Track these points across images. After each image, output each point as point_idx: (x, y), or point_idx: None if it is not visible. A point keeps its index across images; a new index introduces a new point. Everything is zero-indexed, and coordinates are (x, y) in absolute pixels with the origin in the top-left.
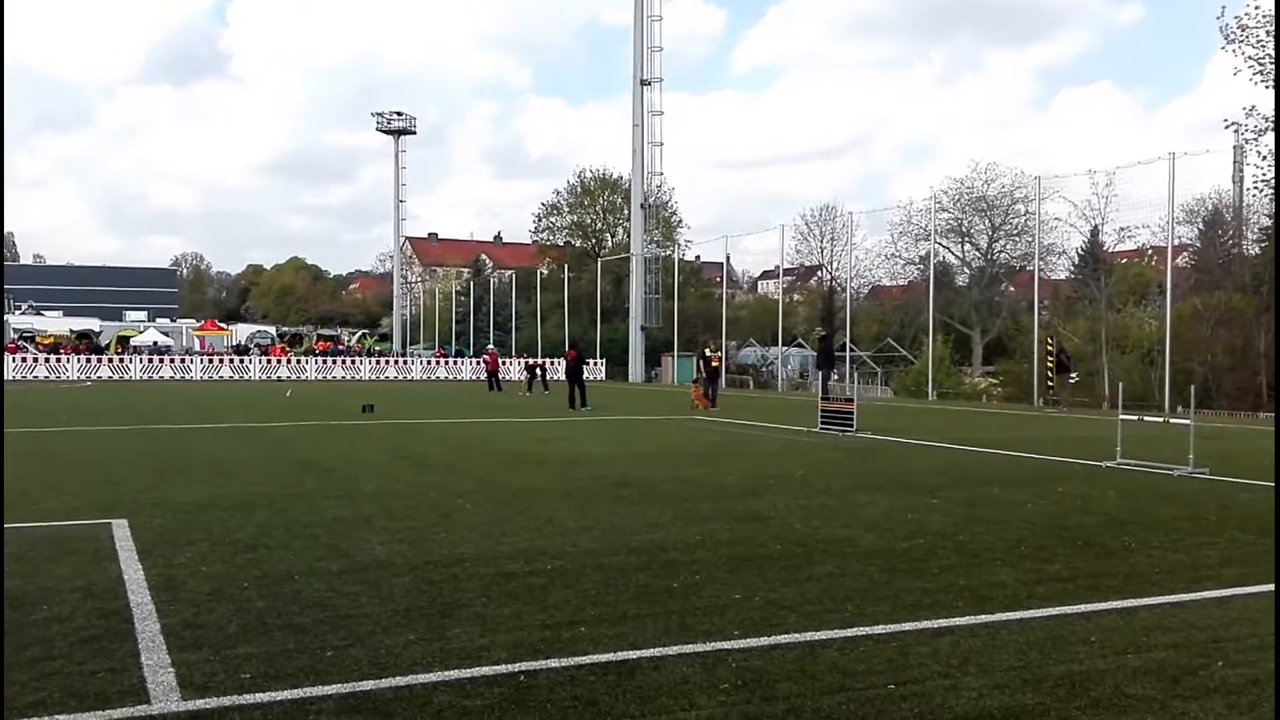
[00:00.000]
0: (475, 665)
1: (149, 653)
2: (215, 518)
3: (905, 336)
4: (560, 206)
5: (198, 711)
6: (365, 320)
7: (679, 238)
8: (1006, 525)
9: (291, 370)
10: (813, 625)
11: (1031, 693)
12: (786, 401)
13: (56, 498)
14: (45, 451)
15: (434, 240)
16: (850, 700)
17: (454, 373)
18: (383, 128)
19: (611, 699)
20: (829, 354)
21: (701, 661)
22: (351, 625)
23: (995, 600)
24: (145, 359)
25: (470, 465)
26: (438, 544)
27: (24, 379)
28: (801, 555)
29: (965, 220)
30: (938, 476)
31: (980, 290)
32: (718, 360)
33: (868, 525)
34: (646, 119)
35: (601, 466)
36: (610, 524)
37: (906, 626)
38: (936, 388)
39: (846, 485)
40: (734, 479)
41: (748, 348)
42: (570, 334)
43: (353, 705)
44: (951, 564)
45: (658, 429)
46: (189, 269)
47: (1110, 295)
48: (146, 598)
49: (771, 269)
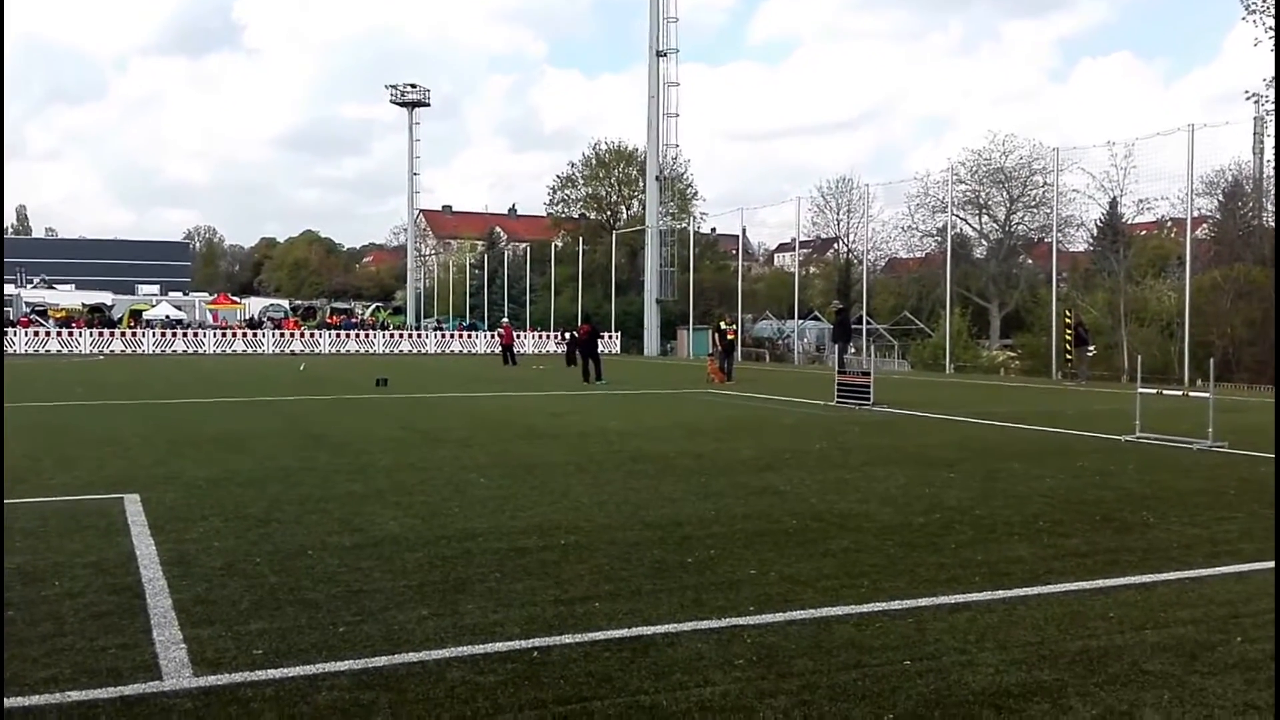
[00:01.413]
0: (488, 641)
1: (161, 628)
2: (227, 492)
3: (922, 309)
4: (575, 179)
5: (210, 687)
6: (379, 294)
7: (694, 210)
8: (1024, 500)
9: (305, 344)
10: (828, 601)
11: (1049, 669)
12: (803, 375)
13: (68, 472)
14: (57, 426)
15: (448, 213)
16: (866, 676)
17: (468, 346)
18: (397, 100)
19: (625, 675)
20: (845, 327)
21: (716, 637)
22: (364, 601)
23: (1012, 575)
24: (158, 333)
25: (484, 440)
26: (451, 519)
27: (36, 353)
28: (817, 530)
29: (983, 192)
30: (955, 450)
31: (998, 263)
32: (733, 334)
33: (884, 500)
34: (662, 90)
35: (616, 441)
36: (625, 499)
37: (923, 602)
38: (954, 361)
39: (863, 459)
40: (749, 453)
41: (764, 321)
42: (585, 307)
43: (365, 681)
44: (968, 539)
45: (673, 403)
46: (202, 242)
47: (1129, 268)
48: (158, 573)
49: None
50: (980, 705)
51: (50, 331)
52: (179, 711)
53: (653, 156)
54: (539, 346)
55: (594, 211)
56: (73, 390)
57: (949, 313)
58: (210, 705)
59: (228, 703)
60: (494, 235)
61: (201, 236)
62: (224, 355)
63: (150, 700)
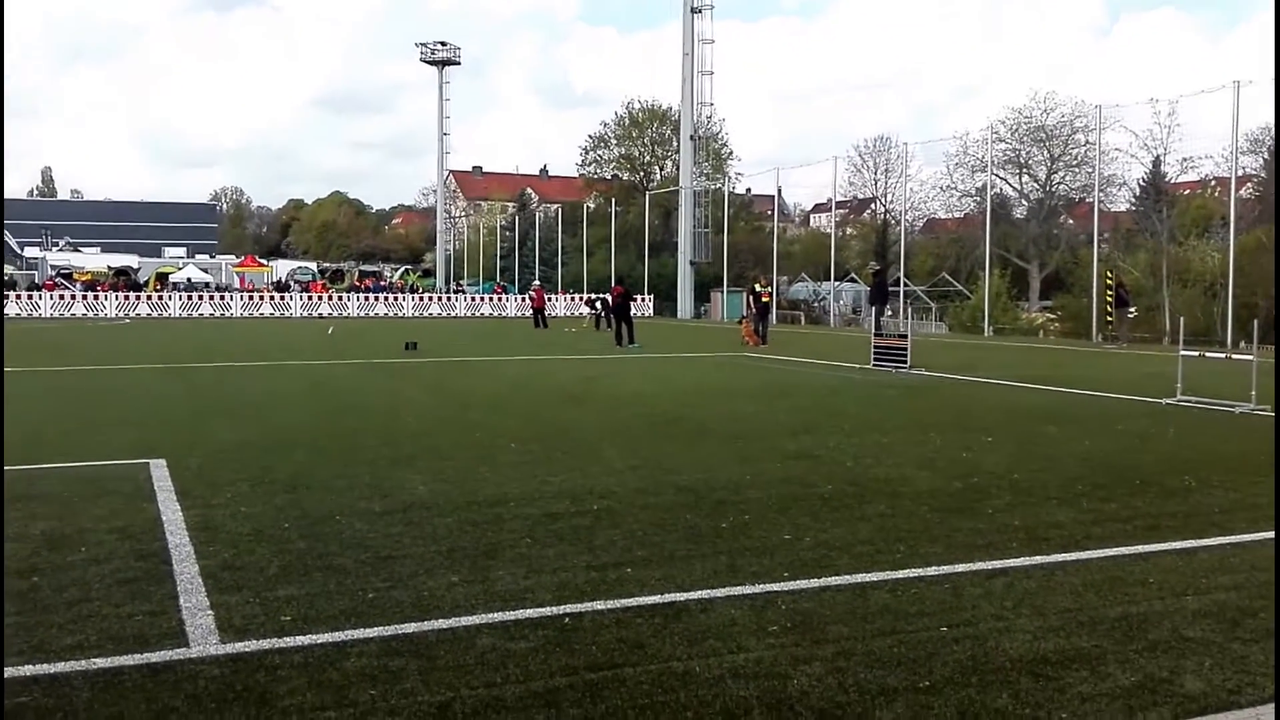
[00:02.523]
0: (519, 607)
1: (187, 595)
2: (254, 457)
3: (961, 271)
4: (607, 139)
5: (237, 654)
6: (408, 256)
7: (729, 170)
8: (1063, 464)
9: (333, 307)
10: (864, 567)
11: (1087, 635)
12: (839, 338)
13: (94, 437)
14: (83, 390)
15: (478, 174)
16: (902, 643)
17: (499, 309)
18: (426, 59)
19: (658, 641)
20: (882, 289)
21: (750, 603)
22: (393, 566)
23: (1051, 541)
24: (184, 296)
25: (515, 404)
26: (481, 484)
27: (62, 316)
28: (853, 495)
29: (1023, 151)
30: (993, 414)
31: (1038, 223)
32: (768, 296)
33: (921, 464)
34: (696, 48)
35: (649, 405)
36: (658, 463)
37: (960, 568)
38: (993, 323)
39: (900, 423)
40: (784, 417)
41: (799, 283)
42: (617, 269)
43: (394, 648)
44: (1006, 504)
45: (707, 367)
46: (229, 204)
47: (1172, 228)
48: (185, 539)
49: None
50: (1018, 672)
51: (76, 295)
52: (206, 678)
53: (687, 115)
54: (571, 309)
55: (627, 172)
56: (100, 354)
57: (988, 274)
58: (238, 672)
59: (255, 670)
60: (525, 197)
61: (228, 198)
62: (251, 318)
63: (177, 667)
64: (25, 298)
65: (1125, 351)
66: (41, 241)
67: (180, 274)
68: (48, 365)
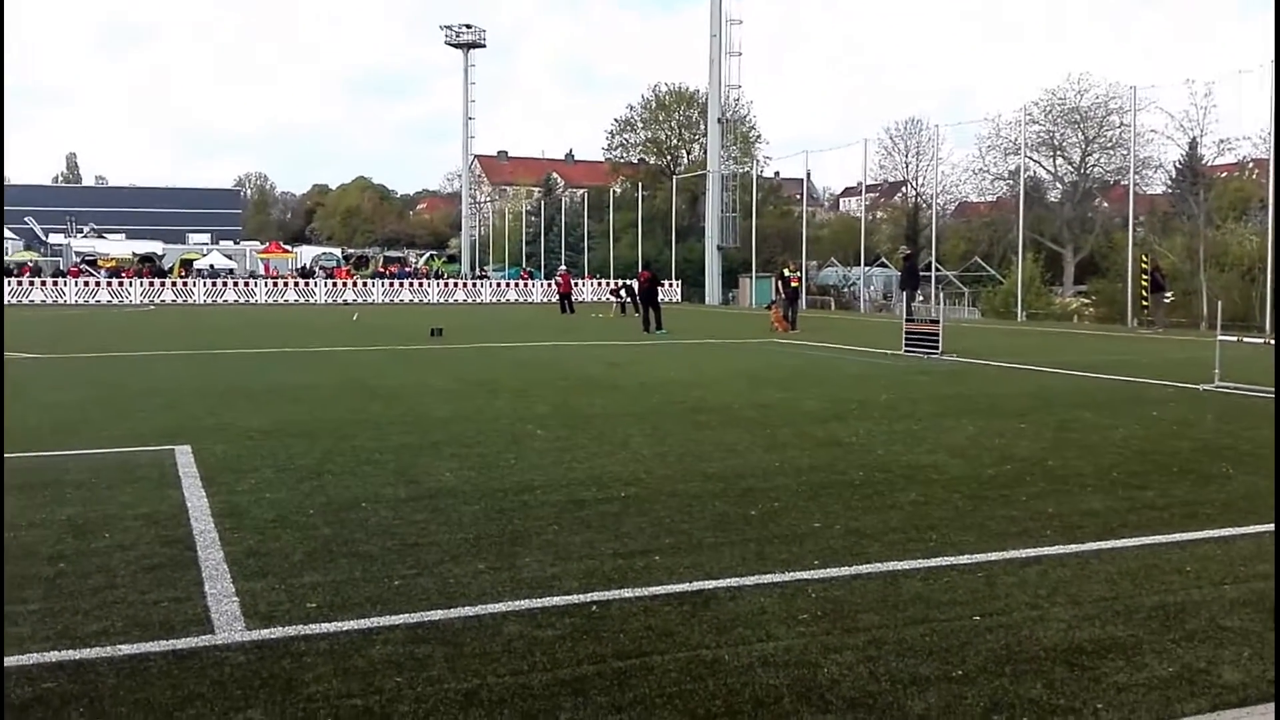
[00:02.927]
0: (546, 595)
1: (213, 581)
2: (280, 444)
3: (993, 255)
4: (634, 122)
5: (262, 641)
6: (433, 241)
7: (757, 153)
8: (1098, 451)
9: (357, 293)
10: (895, 555)
11: (1123, 624)
12: (869, 323)
13: (120, 423)
14: (108, 377)
15: (503, 159)
16: (934, 632)
17: (524, 295)
18: (451, 41)
19: (687, 630)
20: (914, 274)
21: (780, 592)
22: (419, 554)
23: (1086, 529)
24: (209, 282)
25: (541, 390)
26: (508, 471)
27: (86, 303)
28: (884, 482)
29: (1057, 133)
30: (1027, 400)
31: (1072, 206)
32: (797, 281)
33: (953, 451)
34: (724, 28)
35: (677, 391)
36: (686, 450)
37: (993, 556)
38: (1026, 308)
39: (931, 410)
40: (814, 404)
41: (829, 268)
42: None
43: (421, 635)
44: (1040, 491)
45: (735, 352)
46: (253, 190)
47: (1209, 210)
48: (210, 525)
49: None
50: (1052, 661)
51: (100, 281)
52: (231, 665)
53: (714, 98)
54: (597, 295)
55: (653, 156)
56: (125, 341)
57: (1021, 258)
58: (263, 659)
59: (281, 656)
60: (551, 181)
61: (253, 184)
62: (276, 305)
63: (202, 654)
64: (50, 284)
65: (1161, 337)
66: (66, 228)
67: (204, 260)
68: (73, 352)
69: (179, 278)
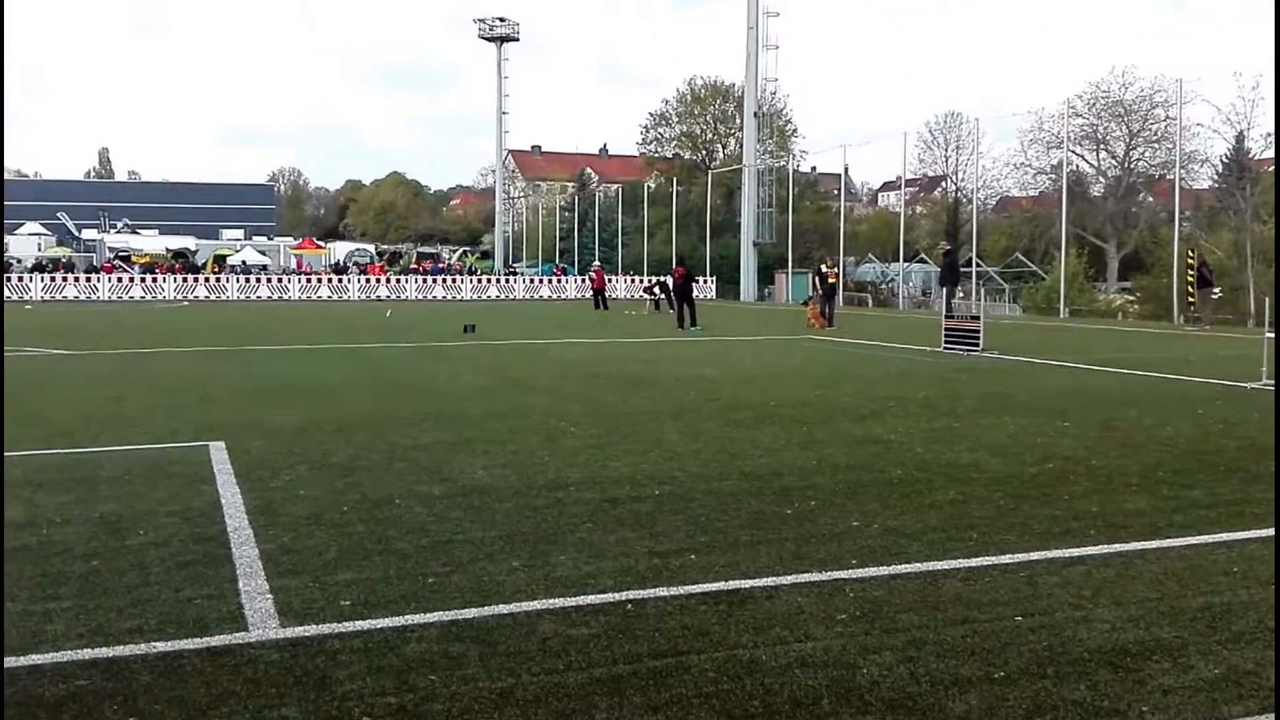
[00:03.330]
0: (581, 593)
1: (247, 579)
2: (313, 441)
3: (1035, 251)
4: (669, 116)
5: (297, 639)
6: (466, 237)
7: (794, 148)
8: (1143, 449)
9: (391, 290)
10: (935, 554)
11: (1168, 626)
12: (908, 320)
13: (153, 420)
14: (141, 373)
15: (537, 153)
16: (975, 633)
17: (558, 291)
18: (484, 35)
19: (723, 629)
20: (954, 270)
21: (817, 591)
22: (453, 551)
23: (1130, 528)
24: (242, 278)
25: (575, 387)
26: (542, 468)
27: (120, 299)
28: (923, 481)
29: (1101, 126)
30: (1069, 398)
31: (1116, 201)
32: (834, 277)
33: (994, 449)
34: (761, 21)
35: (712, 389)
36: (721, 448)
37: (1035, 556)
38: (1069, 305)
39: (972, 407)
40: (852, 401)
41: (867, 264)
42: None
43: (455, 633)
44: (1083, 490)
45: (771, 350)
46: (286, 185)
47: (1256, 205)
48: (244, 522)
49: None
50: (1096, 663)
51: (134, 277)
52: (265, 662)
53: (750, 92)
54: (631, 291)
55: (689, 150)
56: (159, 337)
57: (1064, 254)
58: (297, 656)
59: (315, 654)
60: (584, 176)
61: (286, 179)
62: (309, 301)
63: (236, 651)
64: (84, 280)
65: (1208, 334)
66: (99, 223)
67: (238, 256)
68: (107, 348)
69: (212, 273)
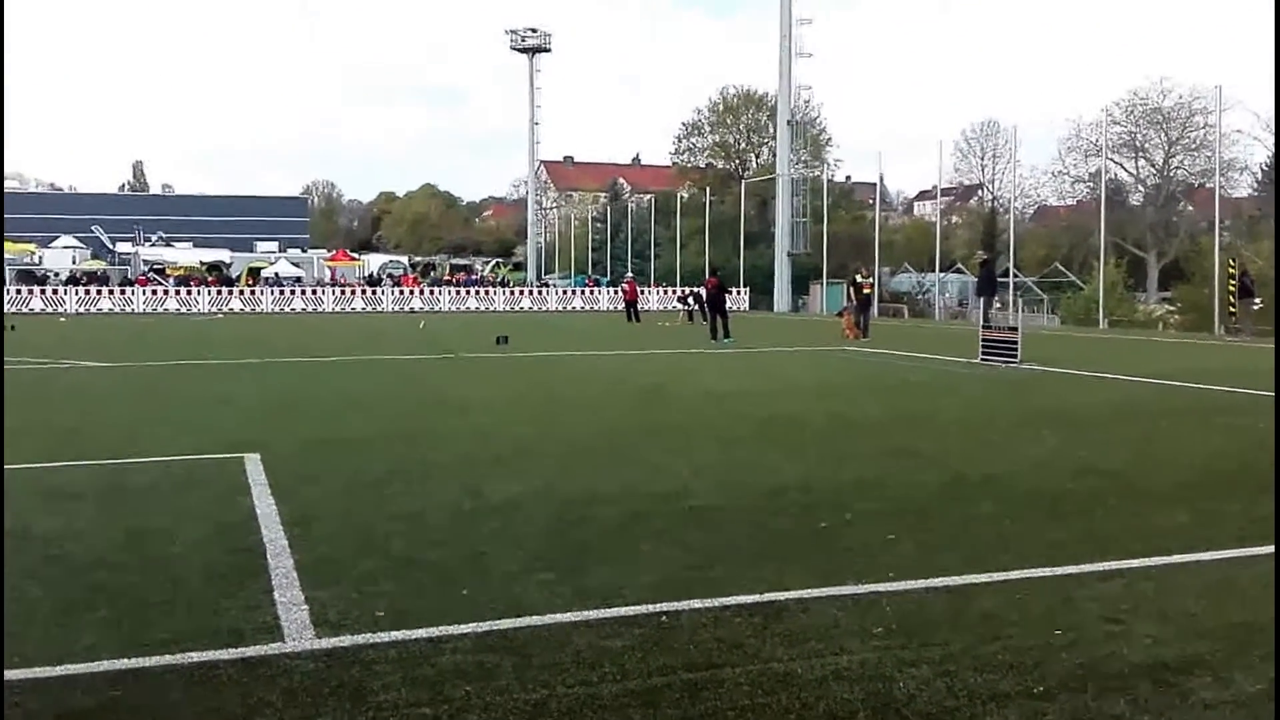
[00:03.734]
0: (614, 606)
1: (282, 590)
2: (348, 453)
3: (1074, 260)
4: (701, 126)
5: (332, 650)
6: (499, 249)
7: (828, 157)
8: (1182, 463)
9: (424, 301)
10: (972, 568)
11: (1208, 641)
12: (944, 331)
13: (189, 431)
14: (176, 385)
15: (569, 164)
16: (1011, 648)
17: (590, 303)
18: (516, 46)
19: (758, 641)
20: (990, 280)
21: (852, 604)
22: (486, 563)
23: (1169, 543)
24: (276, 290)
25: (608, 399)
26: (574, 481)
27: (155, 312)
28: (959, 494)
29: (1139, 134)
30: (1108, 411)
31: (1156, 210)
32: (869, 287)
33: (1031, 463)
34: (794, 29)
35: (745, 401)
36: (755, 460)
37: (1072, 570)
38: (1108, 315)
39: (1009, 420)
40: (887, 413)
41: (902, 274)
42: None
43: (489, 645)
44: (1121, 504)
45: (805, 361)
46: (320, 197)
47: None
48: (279, 533)
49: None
50: (1135, 678)
51: (169, 290)
52: (301, 673)
53: (784, 100)
54: (663, 303)
55: (721, 160)
56: (194, 349)
57: (1103, 264)
58: (332, 667)
59: (350, 665)
60: (617, 187)
61: (320, 191)
62: (343, 313)
63: (272, 661)
64: (119, 293)
65: (1249, 345)
66: (134, 236)
67: (272, 268)
68: (142, 360)
69: (246, 286)
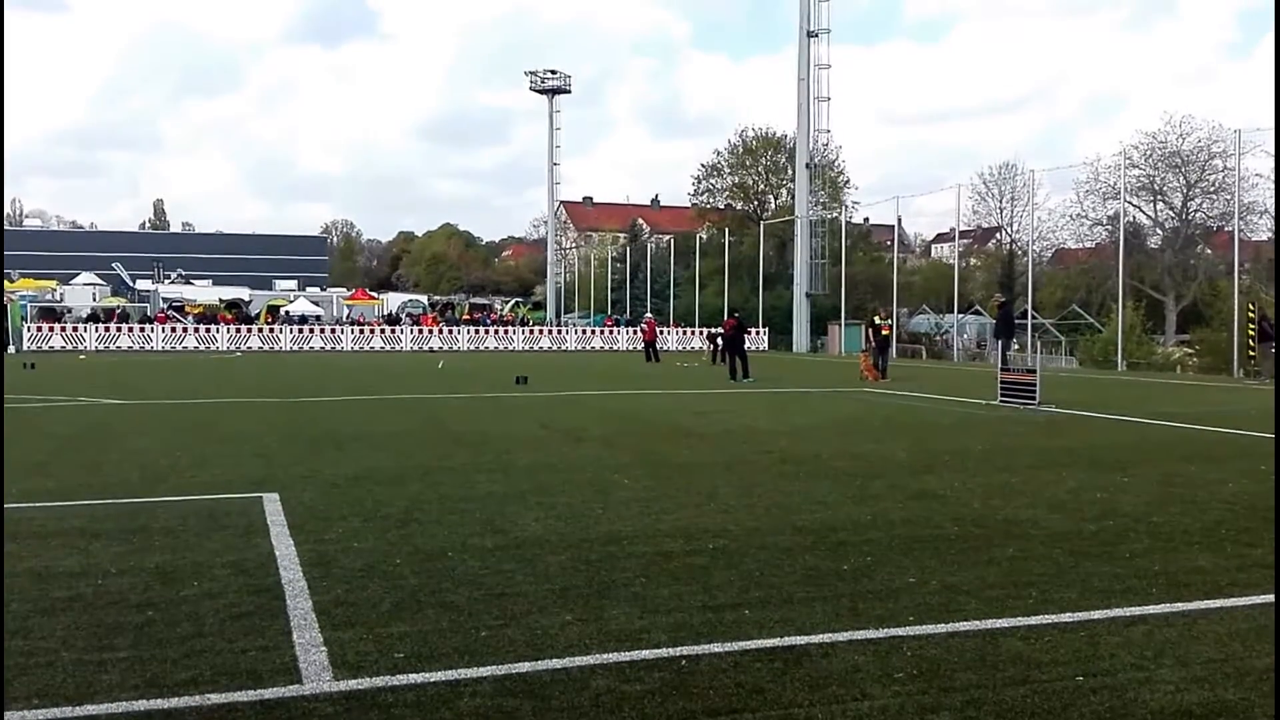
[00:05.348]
0: (634, 648)
1: (301, 631)
2: (367, 492)
3: (1092, 303)
4: (720, 167)
5: (350, 692)
6: (518, 288)
7: (846, 199)
8: (1205, 506)
9: (443, 340)
10: (994, 612)
11: (1234, 687)
12: (962, 373)
13: (207, 471)
14: (196, 423)
15: (589, 205)
16: (1035, 693)
17: (609, 342)
18: (536, 87)
19: (778, 687)
20: (1009, 321)
21: (874, 649)
22: (506, 604)
23: (1193, 587)
24: (295, 329)
25: (627, 439)
26: (595, 521)
27: (173, 349)
28: (981, 537)
29: (1158, 177)
30: (1129, 453)
31: (1174, 253)
32: (888, 329)
33: (1053, 505)
34: (813, 73)
35: (765, 441)
36: (775, 502)
37: (1096, 615)
38: (1126, 358)
39: (1029, 462)
40: (906, 455)
41: (920, 315)
42: (730, 301)
43: (508, 688)
44: (1145, 547)
45: (824, 401)
46: (339, 236)
47: None
48: (298, 574)
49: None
50: None
51: (188, 328)
52: (319, 716)
53: (802, 143)
54: (682, 343)
55: (740, 201)
56: (213, 388)
57: (1121, 306)
58: (351, 710)
59: (369, 708)
60: (636, 227)
61: (339, 230)
62: (362, 352)
63: (290, 704)
64: (138, 330)
65: (1269, 388)
66: (154, 274)
67: (291, 307)
68: (160, 398)
69: (266, 324)
